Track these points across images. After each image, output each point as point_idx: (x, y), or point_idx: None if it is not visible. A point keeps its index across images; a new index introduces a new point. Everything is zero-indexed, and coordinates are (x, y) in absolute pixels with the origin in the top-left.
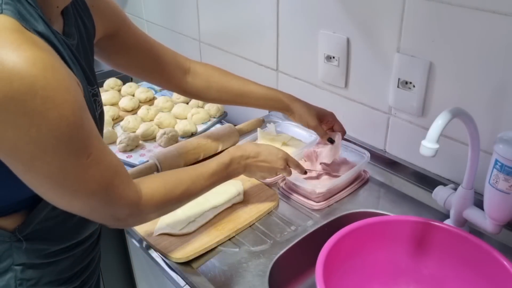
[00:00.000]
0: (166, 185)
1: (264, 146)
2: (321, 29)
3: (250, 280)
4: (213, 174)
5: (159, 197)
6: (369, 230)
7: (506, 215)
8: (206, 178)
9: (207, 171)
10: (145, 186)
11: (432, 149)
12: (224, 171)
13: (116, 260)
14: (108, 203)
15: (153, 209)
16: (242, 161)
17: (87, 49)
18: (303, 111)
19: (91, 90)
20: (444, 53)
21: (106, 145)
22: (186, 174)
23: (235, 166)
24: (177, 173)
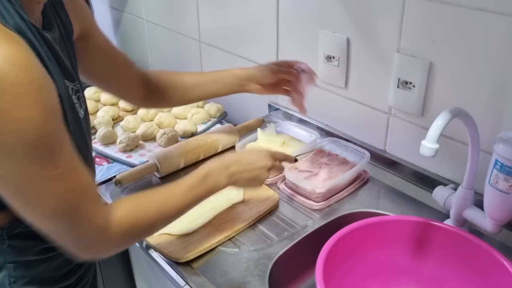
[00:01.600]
0: (138, 208)
1: (245, 150)
2: (321, 29)
3: (250, 280)
4: (190, 189)
5: (128, 223)
6: (369, 230)
7: (506, 215)
8: (182, 194)
9: (182, 187)
10: (115, 210)
11: (432, 149)
12: (202, 184)
13: (116, 260)
14: (72, 226)
15: (122, 236)
16: (223, 171)
17: (67, 44)
18: (258, 70)
19: (73, 87)
20: (444, 53)
21: (79, 164)
22: (157, 194)
23: (215, 177)
24: (148, 194)
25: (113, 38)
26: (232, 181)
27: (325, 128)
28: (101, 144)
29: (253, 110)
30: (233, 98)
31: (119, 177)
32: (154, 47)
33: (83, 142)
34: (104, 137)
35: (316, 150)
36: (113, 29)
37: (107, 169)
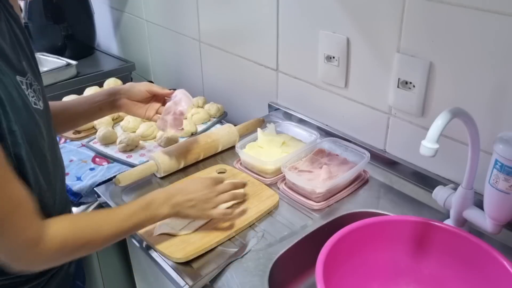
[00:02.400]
0: (74, 225)
1: (190, 179)
2: (321, 29)
3: (250, 280)
4: (130, 216)
5: (64, 238)
6: (369, 230)
7: (506, 215)
8: (121, 219)
9: (122, 213)
10: (51, 226)
11: (432, 149)
12: (143, 212)
13: (116, 260)
14: (2, 239)
15: (56, 251)
16: (166, 201)
17: (19, 36)
18: (129, 84)
19: (26, 80)
20: (444, 53)
21: (11, 176)
22: (98, 215)
23: (157, 207)
24: (89, 214)
25: (113, 38)
26: (175, 211)
27: (325, 128)
28: (101, 144)
29: (253, 110)
30: (233, 98)
31: (119, 177)
32: (154, 47)
33: (40, 136)
34: (104, 137)
35: (316, 150)
36: (113, 29)
37: (107, 169)
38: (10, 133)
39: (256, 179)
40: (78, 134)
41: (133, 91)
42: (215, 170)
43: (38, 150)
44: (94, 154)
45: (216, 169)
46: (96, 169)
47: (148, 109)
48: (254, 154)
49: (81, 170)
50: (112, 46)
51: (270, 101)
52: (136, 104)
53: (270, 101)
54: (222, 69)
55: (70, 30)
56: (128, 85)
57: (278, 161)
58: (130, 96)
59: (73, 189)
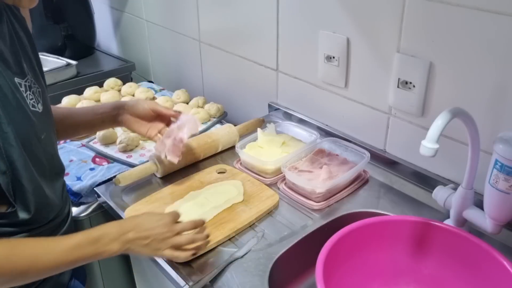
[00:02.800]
0: (9, 253)
1: (145, 214)
2: (321, 29)
3: (250, 280)
4: (74, 248)
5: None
6: (369, 230)
7: (506, 215)
8: (63, 251)
9: (66, 244)
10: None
11: (432, 149)
12: (90, 246)
13: (116, 260)
14: None
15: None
16: (119, 237)
17: (22, 37)
18: (134, 101)
19: (24, 82)
20: (444, 53)
21: None
22: (38, 244)
23: (107, 242)
24: (28, 242)
25: (113, 38)
26: (126, 248)
27: (325, 128)
28: (101, 144)
29: (253, 110)
30: (233, 98)
31: (119, 177)
32: (154, 47)
33: (34, 138)
34: (104, 137)
35: (316, 150)
36: (113, 29)
37: (107, 169)
38: (1, 135)
39: (256, 179)
40: None
41: (137, 107)
42: (215, 170)
43: (33, 152)
44: (94, 154)
45: (216, 169)
46: (96, 169)
47: (150, 128)
48: (254, 154)
49: (81, 170)
50: (112, 46)
51: (270, 101)
52: (139, 122)
53: (270, 101)
54: (222, 69)
55: (70, 30)
56: (133, 101)
57: (278, 161)
58: (134, 112)
59: (73, 189)
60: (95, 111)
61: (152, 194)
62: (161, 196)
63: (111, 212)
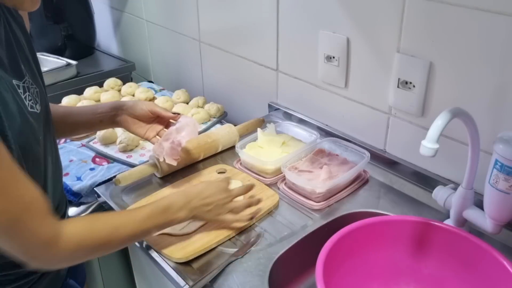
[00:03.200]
0: (91, 225)
1: (204, 183)
2: (321, 29)
3: (250, 280)
4: (148, 218)
5: (80, 238)
6: (369, 230)
7: (506, 215)
8: (139, 221)
9: (140, 214)
10: (67, 225)
11: (432, 149)
12: (162, 215)
13: (116, 260)
14: (16, 239)
15: (72, 251)
16: (184, 205)
17: (20, 38)
18: (133, 101)
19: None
20: (444, 53)
21: (21, 176)
22: (116, 215)
23: (176, 210)
24: (106, 215)
25: (113, 38)
26: (192, 215)
27: (325, 128)
28: (101, 144)
29: (253, 110)
30: (233, 98)
31: (119, 177)
32: (154, 47)
33: (34, 140)
34: (104, 137)
35: (316, 150)
36: (113, 29)
37: (107, 169)
38: (2, 138)
39: (256, 179)
40: None
41: (136, 109)
42: (215, 170)
43: (31, 154)
44: (94, 154)
45: (216, 169)
46: (96, 169)
47: (148, 130)
48: (254, 154)
49: (81, 170)
50: (112, 46)
51: (270, 101)
52: (137, 123)
53: (270, 101)
54: (222, 69)
55: (70, 30)
56: (132, 102)
57: (278, 161)
58: (132, 113)
59: (73, 189)
60: (93, 111)
61: (152, 194)
62: (161, 196)
63: None
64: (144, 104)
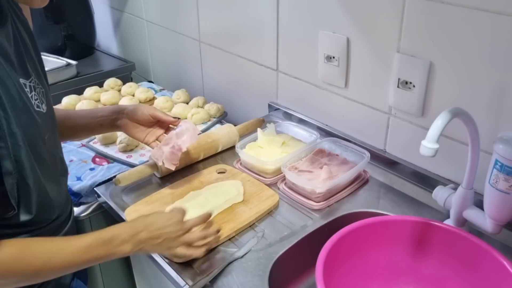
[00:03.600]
0: (22, 253)
1: (155, 214)
2: (321, 29)
3: (250, 280)
4: (87, 249)
5: (9, 265)
6: (369, 230)
7: (506, 215)
8: (77, 251)
9: (79, 244)
10: (0, 250)
11: (432, 149)
12: (102, 247)
13: (116, 260)
14: None
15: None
16: (131, 238)
17: (25, 39)
18: (133, 105)
19: (29, 83)
20: (444, 53)
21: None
22: (53, 244)
23: (119, 243)
24: (41, 241)
25: (113, 38)
26: (138, 248)
27: (325, 128)
28: (101, 144)
29: (253, 110)
30: (233, 98)
31: (119, 177)
32: (154, 47)
33: (39, 138)
34: (104, 137)
35: (316, 150)
36: (113, 29)
37: (107, 169)
38: (10, 135)
39: (256, 179)
40: None
41: (136, 113)
42: (215, 170)
43: (38, 152)
44: (94, 154)
45: (216, 169)
46: (96, 169)
47: (148, 134)
48: (254, 154)
49: (81, 170)
50: (112, 46)
51: (270, 101)
52: (137, 127)
53: (270, 101)
54: (222, 69)
55: (70, 30)
56: (132, 106)
57: (278, 161)
58: (132, 117)
59: (73, 189)
60: (93, 115)
61: (152, 194)
62: (161, 196)
63: (111, 212)
64: (145, 108)
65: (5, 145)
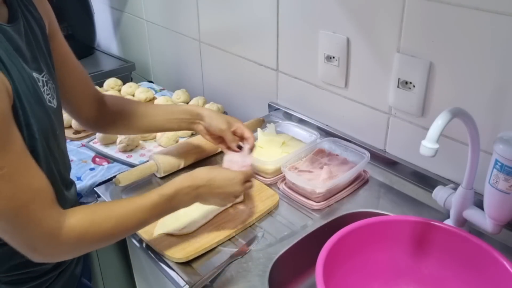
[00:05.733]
0: (94, 217)
1: (217, 171)
2: (321, 29)
3: (250, 280)
4: (154, 207)
5: (83, 229)
6: (369, 230)
7: (506, 215)
8: (145, 211)
9: (146, 204)
10: (70, 216)
11: (432, 149)
12: (168, 203)
13: (116, 260)
14: (20, 228)
15: (75, 242)
16: (191, 191)
17: (38, 35)
18: (212, 115)
19: (42, 78)
20: (444, 53)
21: (31, 164)
22: (119, 206)
23: (181, 198)
24: (109, 205)
25: (113, 38)
26: (196, 200)
27: (325, 128)
28: (101, 144)
29: (253, 110)
30: (233, 98)
31: (119, 177)
32: (154, 47)
33: (50, 132)
34: (104, 137)
35: (316, 150)
36: (113, 29)
37: (107, 169)
38: (26, 126)
39: (256, 179)
40: (78, 134)
41: (211, 125)
42: None
43: (50, 146)
44: (94, 154)
45: None
46: (96, 169)
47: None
48: (254, 154)
49: (81, 170)
50: (112, 46)
51: (270, 101)
52: (211, 134)
53: (270, 101)
54: (222, 69)
55: (70, 30)
56: (211, 115)
57: (278, 161)
58: (208, 128)
59: None
60: (170, 116)
61: None
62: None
63: None
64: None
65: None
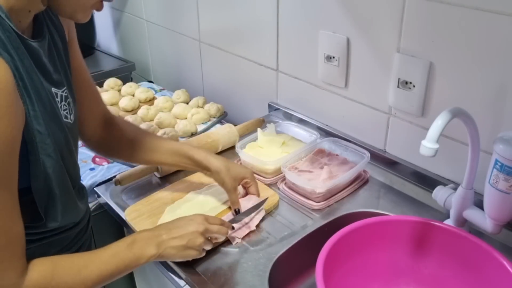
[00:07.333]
0: (52, 270)
1: (175, 219)
2: (321, 29)
3: (250, 280)
4: (113, 256)
5: (43, 284)
6: (369, 230)
7: (506, 215)
8: (104, 260)
9: (105, 253)
10: (32, 269)
11: (432, 149)
12: (127, 251)
13: None
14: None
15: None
16: (151, 239)
17: (60, 49)
18: (221, 171)
19: (61, 93)
20: (444, 53)
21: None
22: (79, 257)
23: (142, 245)
24: (69, 257)
25: (113, 38)
26: (162, 250)
27: (325, 128)
28: None
29: (253, 110)
30: (233, 98)
31: (119, 177)
32: (154, 47)
33: (66, 149)
34: None
35: (316, 150)
36: (113, 29)
37: (107, 169)
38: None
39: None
40: None
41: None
42: None
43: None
44: (94, 154)
45: None
46: (96, 169)
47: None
48: (254, 154)
49: (81, 170)
50: (112, 46)
51: (270, 101)
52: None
53: (270, 101)
54: (222, 69)
55: None
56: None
57: (278, 161)
58: (217, 181)
59: None
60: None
61: (152, 194)
62: (161, 196)
63: (111, 212)
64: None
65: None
